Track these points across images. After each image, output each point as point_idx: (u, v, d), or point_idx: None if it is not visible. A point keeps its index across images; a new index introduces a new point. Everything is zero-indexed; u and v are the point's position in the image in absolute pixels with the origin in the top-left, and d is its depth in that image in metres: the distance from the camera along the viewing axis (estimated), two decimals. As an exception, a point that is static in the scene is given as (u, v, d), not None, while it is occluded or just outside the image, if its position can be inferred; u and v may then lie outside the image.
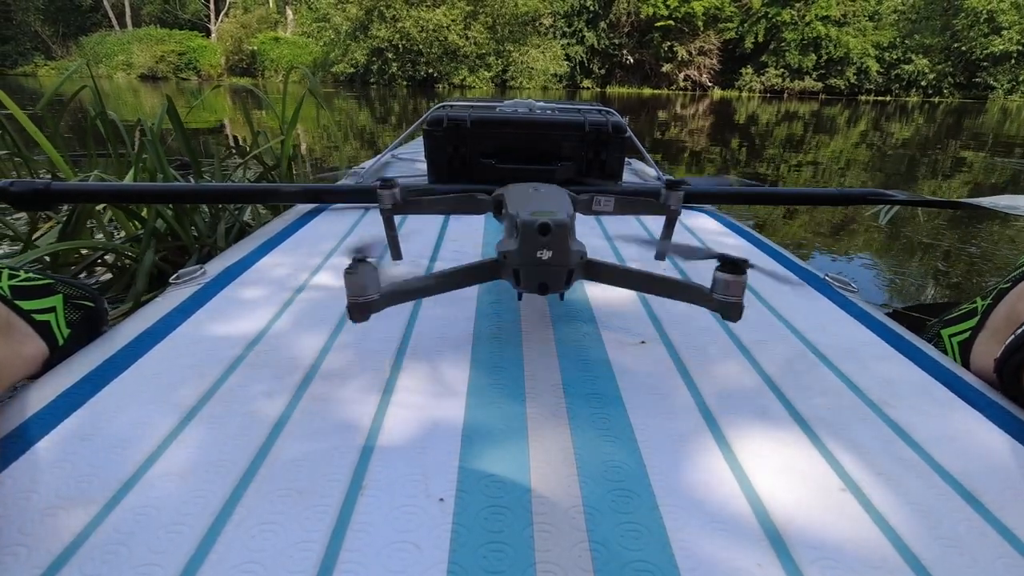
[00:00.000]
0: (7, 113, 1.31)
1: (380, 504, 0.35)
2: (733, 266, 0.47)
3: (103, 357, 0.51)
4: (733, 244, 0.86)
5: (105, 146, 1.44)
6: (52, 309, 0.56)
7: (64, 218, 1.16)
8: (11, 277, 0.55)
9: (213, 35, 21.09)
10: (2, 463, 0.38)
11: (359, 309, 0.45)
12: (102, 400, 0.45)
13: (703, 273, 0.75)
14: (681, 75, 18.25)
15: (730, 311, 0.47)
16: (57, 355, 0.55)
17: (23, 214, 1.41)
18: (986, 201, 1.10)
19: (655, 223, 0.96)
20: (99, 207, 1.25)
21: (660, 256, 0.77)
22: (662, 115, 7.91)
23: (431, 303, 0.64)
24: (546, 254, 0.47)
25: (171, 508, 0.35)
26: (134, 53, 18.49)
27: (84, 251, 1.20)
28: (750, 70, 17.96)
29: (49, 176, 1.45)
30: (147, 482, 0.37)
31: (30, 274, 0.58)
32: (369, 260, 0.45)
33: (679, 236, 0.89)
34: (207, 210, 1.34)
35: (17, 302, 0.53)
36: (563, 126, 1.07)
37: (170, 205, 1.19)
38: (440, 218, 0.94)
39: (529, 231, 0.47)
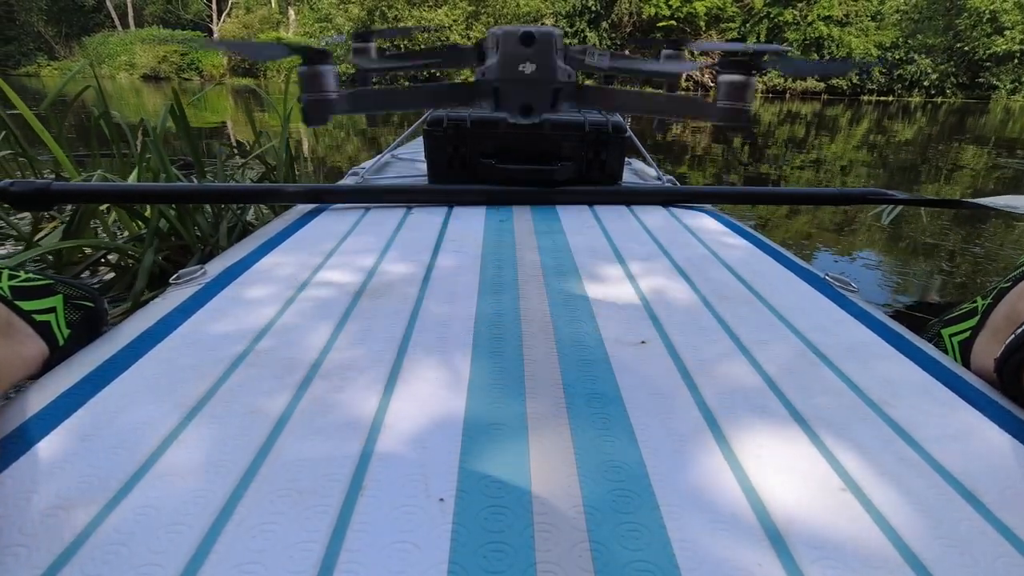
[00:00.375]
0: (11, 113, 1.32)
1: (380, 504, 0.35)
2: (738, 66, 0.42)
3: (103, 357, 0.51)
4: (734, 244, 0.86)
5: (109, 146, 1.45)
6: (52, 309, 0.57)
7: (67, 218, 1.17)
8: (11, 278, 0.55)
9: (215, 35, 21.13)
10: (2, 463, 0.38)
11: (316, 107, 0.41)
12: (102, 400, 0.45)
13: (706, 273, 0.75)
14: (683, 75, 18.24)
15: (737, 119, 0.42)
16: (57, 355, 0.55)
17: (28, 214, 1.41)
18: (986, 201, 1.10)
19: (654, 223, 0.96)
20: (103, 207, 1.25)
21: (670, 89, 0.71)
22: (664, 115, 7.88)
23: (431, 303, 0.64)
24: (529, 67, 0.42)
25: (172, 508, 0.35)
26: (137, 53, 18.54)
27: (88, 250, 1.21)
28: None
29: (53, 176, 1.45)
30: (148, 482, 0.37)
31: (30, 274, 0.58)
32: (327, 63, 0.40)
33: (679, 234, 0.89)
34: (210, 209, 1.35)
35: (17, 302, 0.53)
36: (563, 126, 1.07)
37: (172, 205, 1.19)
38: (440, 218, 0.94)
39: (510, 41, 0.41)
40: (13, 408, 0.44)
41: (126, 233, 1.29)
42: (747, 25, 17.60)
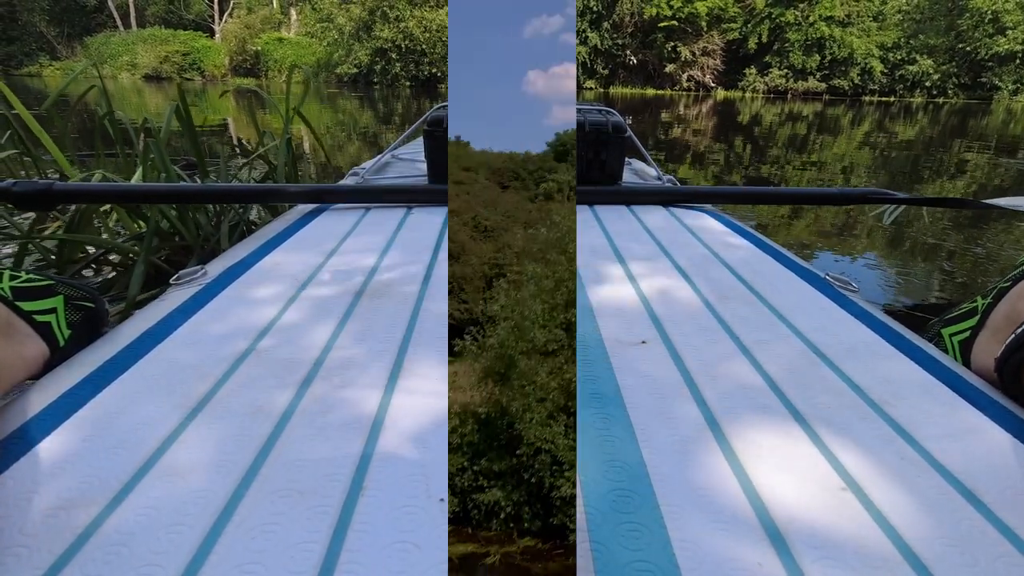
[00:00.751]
0: (15, 113, 1.32)
1: (381, 504, 0.35)
2: None
3: (104, 358, 0.51)
4: (734, 244, 0.86)
5: (112, 146, 1.45)
6: (53, 310, 0.57)
7: (69, 217, 1.17)
8: (12, 278, 0.55)
9: (217, 35, 21.15)
10: (3, 464, 0.38)
11: None
12: (103, 401, 0.45)
13: (706, 272, 0.75)
14: (684, 75, 18.21)
15: None
16: (58, 356, 0.55)
17: (31, 214, 1.41)
18: (989, 201, 1.10)
19: (655, 223, 0.96)
20: (105, 207, 1.26)
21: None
22: (665, 116, 7.89)
23: (432, 301, 0.64)
24: None
25: (172, 508, 0.35)
26: (138, 54, 18.56)
27: (91, 249, 1.21)
28: (753, 71, 17.91)
29: (57, 176, 1.45)
30: (148, 482, 0.37)
31: (31, 275, 0.58)
32: None
33: (679, 234, 0.89)
34: (212, 209, 1.35)
35: (18, 303, 0.53)
36: None
37: (174, 205, 1.20)
38: (440, 218, 0.95)
39: None
40: (14, 409, 0.44)
41: (128, 233, 1.29)
42: (748, 25, 17.59)
